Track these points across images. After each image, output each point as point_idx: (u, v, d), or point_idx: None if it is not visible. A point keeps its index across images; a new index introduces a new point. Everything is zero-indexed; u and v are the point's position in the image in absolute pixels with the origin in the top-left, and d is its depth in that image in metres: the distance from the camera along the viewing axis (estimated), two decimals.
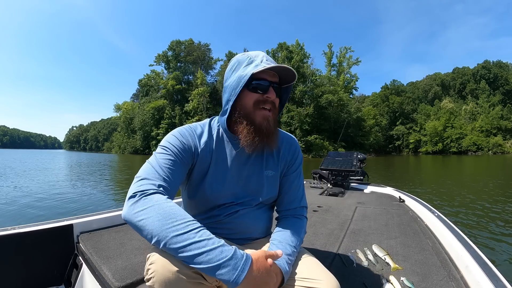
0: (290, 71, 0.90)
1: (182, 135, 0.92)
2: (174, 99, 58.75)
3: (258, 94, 0.90)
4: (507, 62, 71.08)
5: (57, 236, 1.47)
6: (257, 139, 0.90)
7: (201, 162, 0.93)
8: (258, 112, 0.90)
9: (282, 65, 0.87)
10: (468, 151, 57.79)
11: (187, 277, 0.68)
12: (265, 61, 0.90)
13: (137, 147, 61.35)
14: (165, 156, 0.84)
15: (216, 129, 0.99)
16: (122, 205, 0.74)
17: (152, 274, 0.68)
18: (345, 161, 3.73)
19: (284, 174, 1.06)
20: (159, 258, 0.69)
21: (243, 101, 0.91)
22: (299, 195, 1.06)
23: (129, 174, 13.77)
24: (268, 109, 0.91)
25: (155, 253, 0.71)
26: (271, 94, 0.90)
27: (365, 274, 1.21)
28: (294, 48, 49.68)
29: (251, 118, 0.90)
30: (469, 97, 69.01)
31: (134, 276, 1.15)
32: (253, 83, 0.89)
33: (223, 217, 0.96)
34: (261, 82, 0.89)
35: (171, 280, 0.67)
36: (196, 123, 1.00)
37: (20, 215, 5.03)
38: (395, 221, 2.05)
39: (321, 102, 46.06)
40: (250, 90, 0.90)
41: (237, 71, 0.91)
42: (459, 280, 1.13)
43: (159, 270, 0.68)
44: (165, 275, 0.67)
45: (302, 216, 1.03)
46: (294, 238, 0.92)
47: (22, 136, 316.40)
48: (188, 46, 61.89)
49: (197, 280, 0.70)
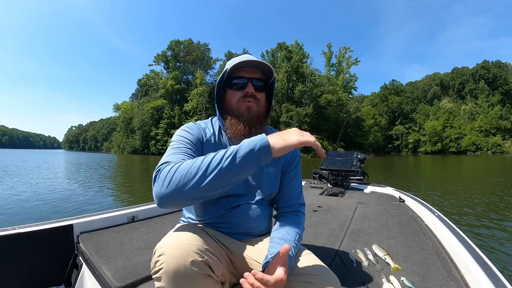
0: (267, 66, 0.98)
1: (190, 128, 1.00)
2: (173, 99, 58.68)
3: (239, 91, 0.99)
4: (506, 62, 71.19)
5: (57, 236, 1.47)
6: (240, 128, 0.97)
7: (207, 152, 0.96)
8: (240, 105, 0.99)
9: (252, 59, 0.95)
10: (467, 151, 57.83)
11: (197, 268, 0.69)
12: (243, 59, 0.96)
13: (136, 147, 61.30)
14: (180, 145, 0.91)
15: (218, 127, 1.06)
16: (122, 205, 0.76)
17: (162, 265, 0.68)
18: (345, 161, 3.73)
19: (284, 172, 1.09)
20: (168, 249, 0.70)
21: (227, 100, 1.02)
22: (298, 192, 1.10)
23: (129, 174, 13.77)
24: (249, 101, 0.99)
25: (165, 245, 0.71)
26: (249, 89, 0.98)
27: (365, 274, 1.21)
28: (294, 48, 49.62)
29: (234, 111, 0.99)
30: (468, 97, 69.07)
31: (134, 276, 1.15)
32: (233, 82, 0.99)
33: (225, 211, 0.98)
34: (239, 80, 0.99)
35: (180, 271, 0.67)
36: (199, 121, 1.07)
37: (20, 215, 5.01)
38: (395, 221, 2.05)
39: (320, 102, 46.05)
40: (232, 89, 1.00)
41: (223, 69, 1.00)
42: (459, 280, 1.13)
43: (169, 261, 0.68)
44: (176, 266, 0.67)
45: (300, 213, 1.06)
46: (294, 235, 0.94)
47: (21, 136, 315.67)
48: (188, 46, 61.84)
49: (206, 271, 0.71)
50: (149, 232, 1.70)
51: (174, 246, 0.70)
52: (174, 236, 0.74)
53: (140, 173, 14.49)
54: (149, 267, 0.71)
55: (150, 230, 1.74)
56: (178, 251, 0.69)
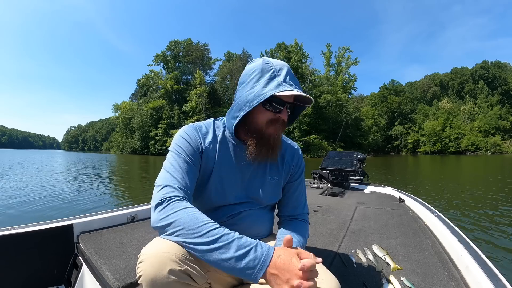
0: (308, 98, 0.89)
1: (189, 135, 0.93)
2: (172, 99, 58.64)
3: (271, 112, 0.89)
4: (505, 63, 71.28)
5: (57, 236, 1.47)
6: (263, 151, 0.91)
7: (206, 161, 0.94)
8: (268, 127, 0.90)
9: (303, 93, 0.85)
10: (467, 151, 57.93)
11: (176, 277, 0.68)
12: (288, 80, 0.86)
13: (136, 147, 61.21)
14: (179, 160, 0.87)
15: (222, 129, 0.99)
16: (123, 205, 0.75)
17: (141, 273, 0.68)
18: (345, 161, 3.73)
19: (288, 181, 1.08)
20: (148, 257, 0.69)
21: (255, 116, 0.90)
22: (302, 201, 1.09)
23: (129, 174, 13.77)
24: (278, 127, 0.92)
25: (146, 252, 0.70)
26: (284, 115, 0.90)
27: (365, 274, 1.22)
28: (293, 48, 49.71)
29: (261, 134, 0.91)
30: (467, 97, 69.16)
31: (134, 276, 1.14)
32: (272, 104, 0.88)
33: (226, 218, 0.97)
34: (277, 103, 0.88)
35: (158, 279, 0.66)
36: (200, 123, 1.00)
37: (20, 215, 5.00)
38: (395, 221, 2.06)
39: (320, 102, 46.06)
40: (265, 107, 0.89)
41: (258, 82, 0.87)
42: (459, 280, 1.13)
43: (147, 269, 0.67)
44: (153, 274, 0.67)
45: (306, 221, 1.07)
46: (300, 237, 0.95)
47: (21, 136, 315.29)
48: (187, 46, 61.79)
49: (186, 281, 0.70)
50: (149, 232, 1.70)
51: (153, 254, 0.69)
52: (156, 243, 0.72)
53: (139, 173, 14.49)
54: None
55: (150, 230, 1.73)
56: (156, 259, 0.68)
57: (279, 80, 0.85)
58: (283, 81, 0.85)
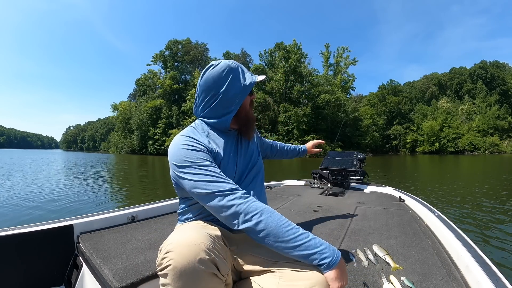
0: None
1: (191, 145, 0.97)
2: (171, 99, 58.58)
3: (250, 96, 1.12)
4: (504, 63, 71.51)
5: (57, 236, 1.47)
6: (251, 134, 1.16)
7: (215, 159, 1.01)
8: (251, 111, 1.14)
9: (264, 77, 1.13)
10: (465, 151, 58.08)
11: (204, 267, 0.69)
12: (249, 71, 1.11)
13: (134, 147, 61.17)
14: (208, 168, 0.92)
15: (207, 128, 1.08)
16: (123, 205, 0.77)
17: (170, 262, 0.69)
18: (345, 161, 3.73)
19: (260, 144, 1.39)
20: (177, 246, 0.70)
21: (244, 103, 1.09)
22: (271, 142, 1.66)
23: (128, 174, 13.74)
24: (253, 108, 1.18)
25: (173, 241, 0.72)
26: (254, 96, 1.16)
27: (365, 274, 1.22)
28: (292, 48, 49.66)
29: (249, 116, 1.12)
30: (466, 97, 69.32)
31: (135, 277, 1.15)
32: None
33: None
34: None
35: (187, 269, 0.68)
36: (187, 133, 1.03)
37: (20, 215, 4.99)
38: (395, 220, 2.06)
39: (318, 102, 46.12)
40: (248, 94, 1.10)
41: (238, 78, 1.04)
42: (460, 279, 1.13)
43: (176, 258, 0.69)
44: (183, 263, 0.68)
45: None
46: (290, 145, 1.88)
47: (19, 136, 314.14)
48: (186, 45, 61.76)
49: (212, 270, 0.72)
50: (149, 232, 1.70)
51: (182, 243, 0.71)
52: (182, 233, 0.75)
53: (139, 174, 14.46)
54: (150, 267, 0.72)
55: (150, 230, 1.73)
56: (186, 248, 0.70)
57: (248, 73, 1.09)
58: (249, 73, 1.09)
